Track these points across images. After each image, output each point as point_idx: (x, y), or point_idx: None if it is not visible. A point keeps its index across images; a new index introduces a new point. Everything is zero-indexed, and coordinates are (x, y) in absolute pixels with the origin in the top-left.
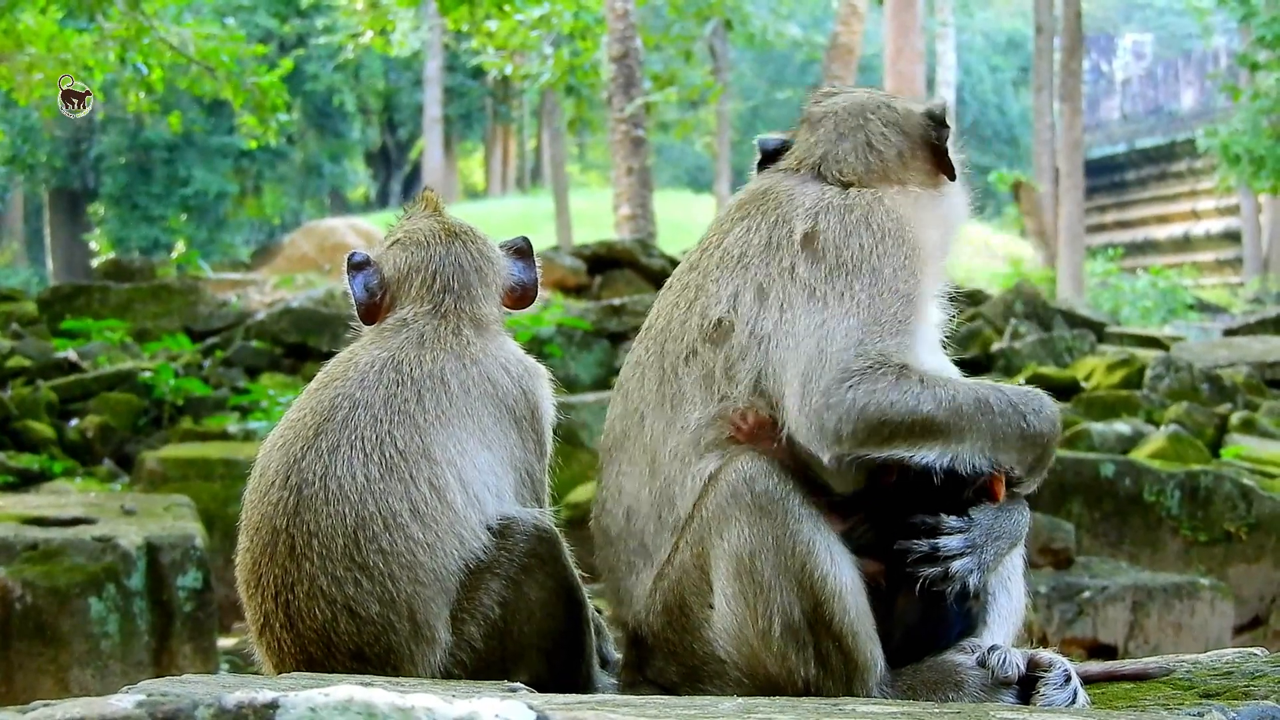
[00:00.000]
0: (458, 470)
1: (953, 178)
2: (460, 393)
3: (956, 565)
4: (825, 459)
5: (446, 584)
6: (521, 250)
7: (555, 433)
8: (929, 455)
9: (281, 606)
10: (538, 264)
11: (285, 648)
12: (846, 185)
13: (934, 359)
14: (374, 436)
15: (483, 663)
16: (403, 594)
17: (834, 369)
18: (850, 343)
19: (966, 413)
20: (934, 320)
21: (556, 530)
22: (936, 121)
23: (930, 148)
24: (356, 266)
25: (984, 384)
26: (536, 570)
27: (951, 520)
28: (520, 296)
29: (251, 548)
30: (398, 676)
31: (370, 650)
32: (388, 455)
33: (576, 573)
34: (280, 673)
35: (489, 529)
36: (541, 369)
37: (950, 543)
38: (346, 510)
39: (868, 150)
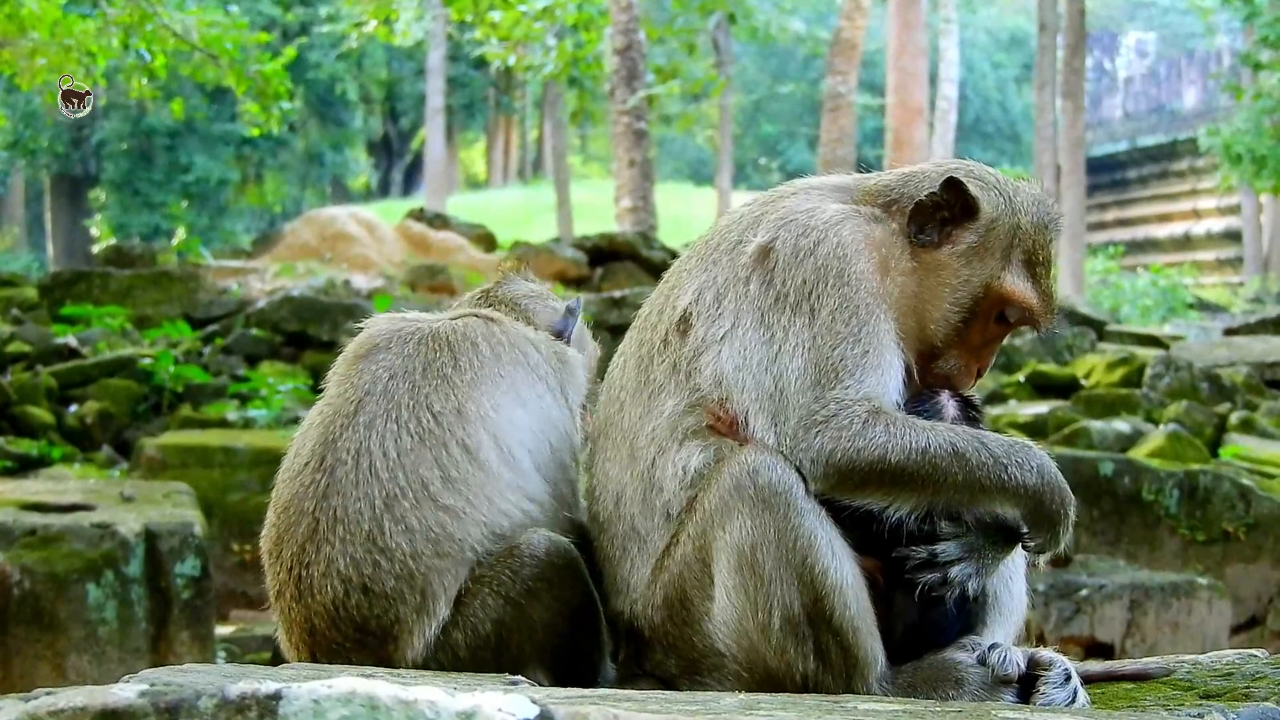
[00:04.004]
0: (492, 425)
1: (921, 244)
2: (491, 357)
3: (955, 571)
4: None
5: (467, 554)
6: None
7: None
8: (904, 506)
9: (294, 580)
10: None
11: (292, 616)
12: (858, 203)
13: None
14: (411, 404)
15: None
16: (422, 568)
17: (797, 412)
18: (806, 384)
19: (940, 464)
20: (898, 355)
21: (571, 549)
22: (938, 191)
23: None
24: None
25: (965, 432)
26: (544, 594)
27: (948, 526)
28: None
29: (277, 523)
30: (396, 647)
31: (377, 623)
32: (423, 421)
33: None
34: (287, 635)
35: (524, 493)
36: (574, 357)
37: (948, 548)
38: (375, 491)
39: (903, 181)
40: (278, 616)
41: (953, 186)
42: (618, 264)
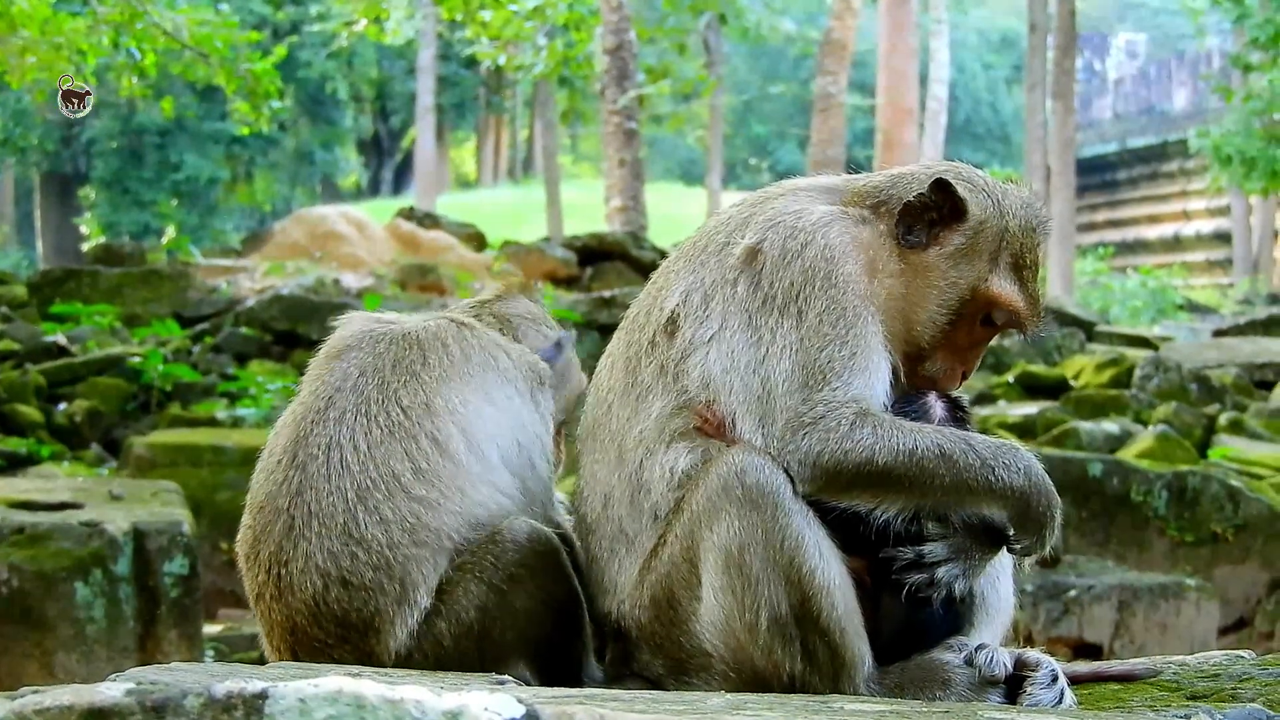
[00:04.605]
0: (460, 419)
1: (910, 247)
2: (461, 357)
3: (942, 571)
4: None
5: (444, 542)
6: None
7: None
8: (891, 508)
9: (273, 580)
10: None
11: (273, 617)
12: (846, 205)
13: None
14: (380, 398)
15: (457, 663)
16: (399, 557)
17: (785, 414)
18: (794, 387)
19: (927, 466)
20: (885, 357)
21: (554, 538)
22: (926, 192)
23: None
24: None
25: (953, 434)
26: (526, 580)
27: (935, 527)
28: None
29: (253, 525)
30: (379, 640)
31: (358, 615)
32: (392, 415)
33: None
34: (268, 637)
35: (495, 487)
36: (547, 372)
37: (935, 549)
38: (347, 484)
39: (892, 182)
40: (258, 620)
41: (941, 188)
42: (608, 263)
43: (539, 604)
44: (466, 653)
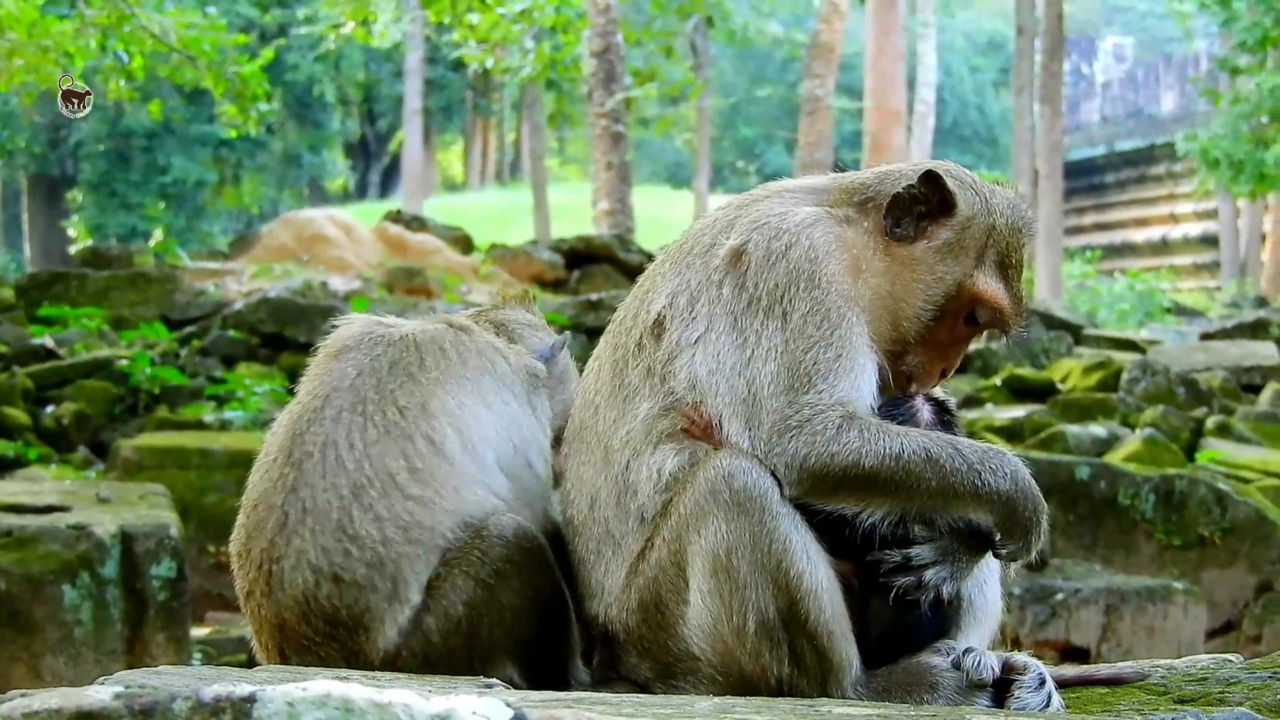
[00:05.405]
0: (456, 421)
1: (897, 240)
2: (458, 361)
3: (929, 574)
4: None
5: (437, 541)
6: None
7: None
8: (878, 511)
9: (264, 576)
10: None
11: (263, 614)
12: (832, 204)
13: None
14: (377, 398)
15: (445, 661)
16: (393, 554)
17: (770, 417)
18: (779, 388)
19: (913, 470)
20: (871, 358)
21: (539, 535)
22: (916, 184)
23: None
24: None
25: (940, 439)
26: (512, 576)
27: (922, 530)
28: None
29: (247, 523)
30: (368, 638)
31: (348, 612)
32: (389, 415)
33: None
34: (256, 635)
35: (489, 488)
36: (544, 374)
37: (923, 552)
38: (343, 481)
39: (880, 179)
40: (248, 618)
41: (931, 180)
42: (595, 266)
43: (525, 600)
44: (455, 650)
